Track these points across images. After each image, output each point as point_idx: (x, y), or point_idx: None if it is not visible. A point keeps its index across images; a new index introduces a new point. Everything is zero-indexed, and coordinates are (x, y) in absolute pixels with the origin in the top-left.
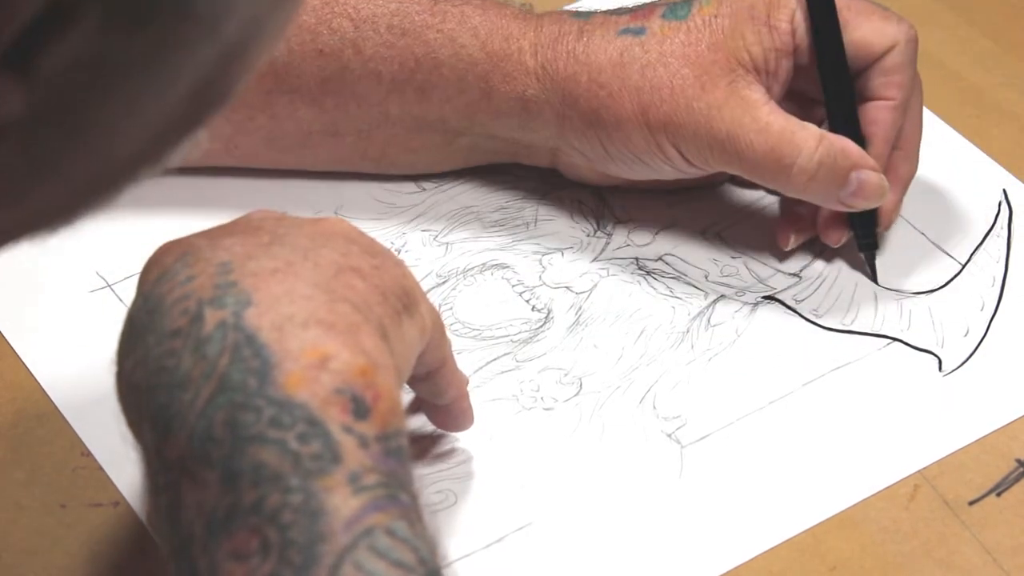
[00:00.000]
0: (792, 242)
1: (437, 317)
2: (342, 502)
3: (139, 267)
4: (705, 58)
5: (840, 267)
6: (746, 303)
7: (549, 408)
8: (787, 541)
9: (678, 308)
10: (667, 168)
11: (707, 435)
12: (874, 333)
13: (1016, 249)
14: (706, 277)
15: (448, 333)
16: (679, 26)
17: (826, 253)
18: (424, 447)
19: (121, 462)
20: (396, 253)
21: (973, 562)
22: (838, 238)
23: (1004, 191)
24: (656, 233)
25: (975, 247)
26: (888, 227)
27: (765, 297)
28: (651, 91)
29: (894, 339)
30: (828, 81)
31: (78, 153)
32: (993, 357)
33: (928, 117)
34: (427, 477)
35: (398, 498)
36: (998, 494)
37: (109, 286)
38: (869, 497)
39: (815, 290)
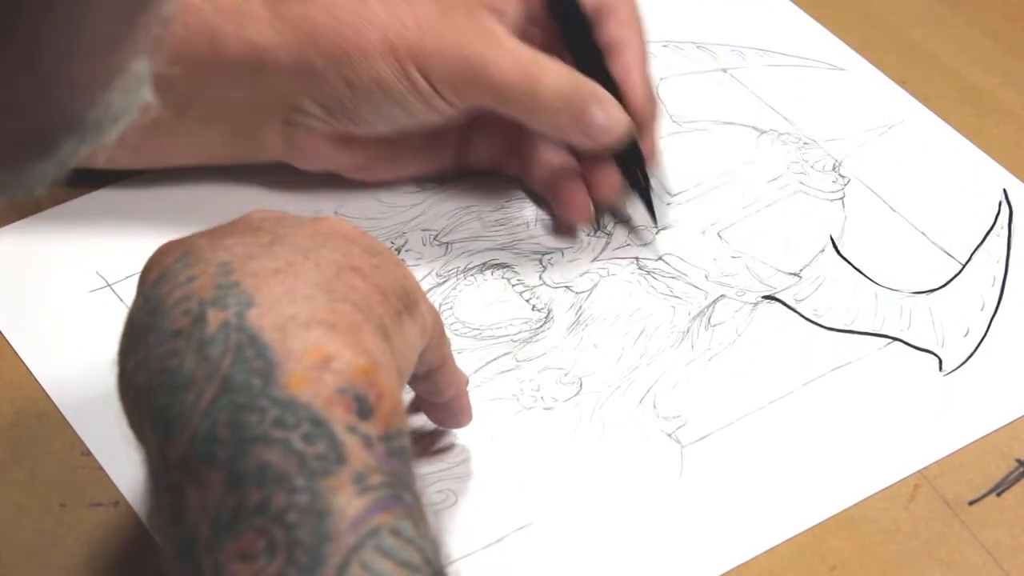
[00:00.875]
0: (589, 209)
1: (437, 317)
2: (347, 502)
3: (139, 267)
4: None
5: (840, 267)
6: (746, 303)
7: (549, 408)
8: (787, 541)
9: (678, 308)
10: (417, 104)
11: (707, 435)
12: (874, 333)
13: (1016, 249)
14: (706, 277)
15: (448, 333)
16: None
17: (826, 253)
18: (424, 446)
19: (121, 462)
20: (396, 253)
21: (973, 562)
22: (611, 187)
23: (1004, 191)
24: (656, 233)
25: (975, 247)
26: (651, 159)
27: (765, 297)
28: (396, 22)
29: (894, 339)
30: (566, 29)
31: (37, 34)
32: (993, 357)
33: (928, 117)
34: (428, 477)
35: (402, 498)
36: (998, 494)
37: (109, 286)
38: (869, 497)
39: (815, 290)
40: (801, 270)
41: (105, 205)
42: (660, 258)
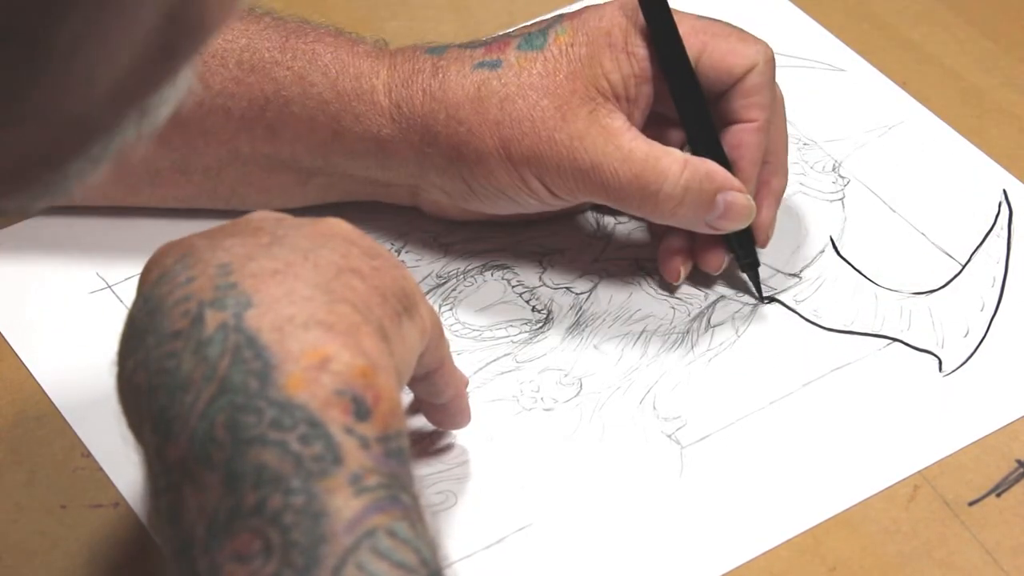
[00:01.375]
0: (681, 276)
1: (436, 319)
2: (344, 503)
3: (139, 268)
4: (564, 88)
5: (840, 267)
6: (746, 304)
7: (549, 409)
8: (787, 541)
9: (678, 309)
10: (532, 201)
11: (707, 436)
12: (874, 333)
13: (1016, 249)
14: (706, 277)
15: (448, 334)
16: (535, 56)
17: (826, 253)
18: (424, 447)
19: (121, 463)
20: (396, 254)
21: (973, 562)
22: (718, 264)
23: (1004, 191)
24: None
25: (975, 247)
26: (766, 244)
27: (765, 297)
28: (511, 124)
29: (894, 339)
30: (683, 106)
31: (48, 82)
32: (993, 357)
33: (928, 117)
34: (427, 478)
35: (399, 499)
36: (998, 494)
37: (109, 287)
38: (869, 497)
39: (815, 290)
40: (801, 271)
41: (105, 206)
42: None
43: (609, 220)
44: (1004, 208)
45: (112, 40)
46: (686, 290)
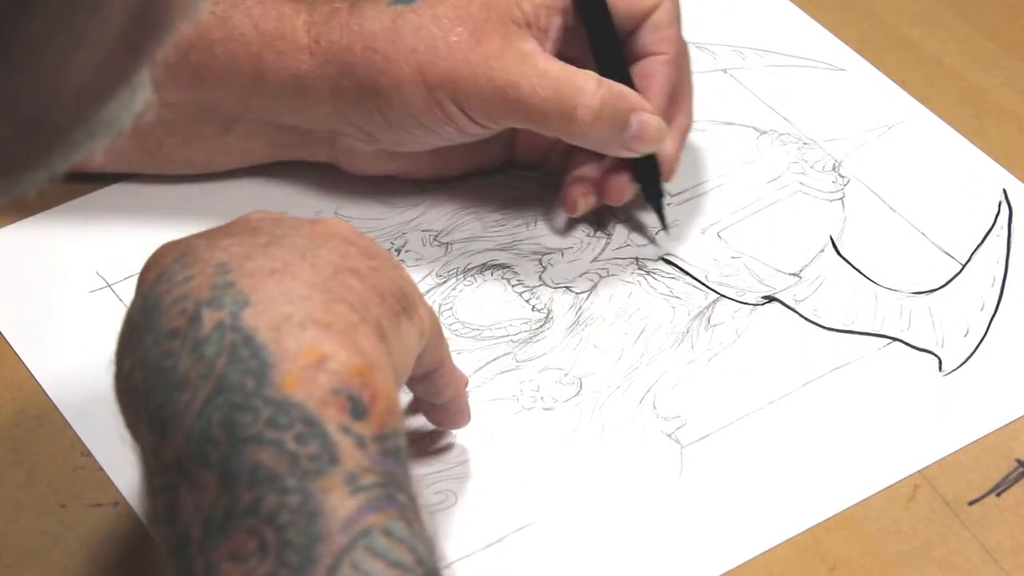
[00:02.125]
0: (580, 207)
1: (435, 319)
2: (339, 503)
3: (139, 267)
4: (477, 16)
5: (840, 267)
6: (746, 303)
7: (549, 408)
8: (787, 541)
9: (678, 308)
10: (449, 130)
11: (707, 435)
12: (874, 333)
13: (1016, 249)
14: (706, 277)
15: (448, 333)
16: None
17: (825, 253)
18: (423, 446)
19: (121, 462)
20: (396, 253)
21: (973, 562)
22: (621, 192)
23: (1004, 191)
24: (656, 233)
25: (975, 247)
26: (670, 176)
27: (765, 297)
28: (427, 50)
29: (894, 339)
30: (595, 36)
31: (14, 80)
32: (993, 357)
33: (928, 117)
34: (427, 477)
35: (395, 498)
36: (998, 494)
37: (109, 286)
38: (869, 497)
39: (815, 290)
40: (801, 270)
41: (105, 205)
42: (660, 258)
43: (609, 220)
44: (1004, 208)
45: (81, 39)
46: (686, 290)
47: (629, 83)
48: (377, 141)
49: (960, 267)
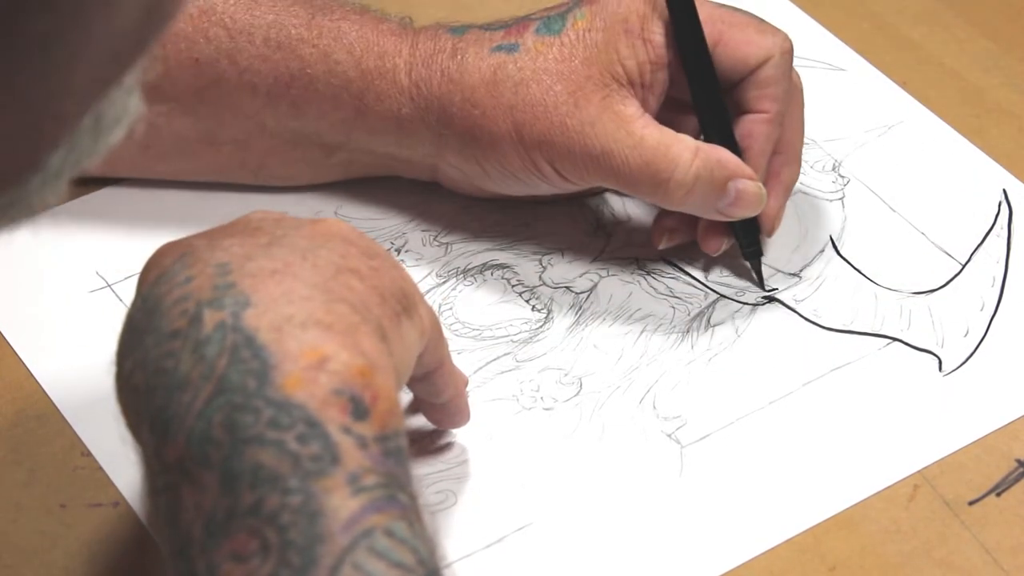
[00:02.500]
0: (665, 242)
1: (435, 319)
2: (341, 503)
3: (139, 267)
4: (579, 73)
5: (840, 267)
6: (746, 303)
7: (549, 408)
8: (787, 541)
9: (678, 308)
10: (543, 185)
11: (707, 435)
12: (874, 333)
13: (1016, 249)
14: (706, 277)
15: (448, 333)
16: (552, 41)
17: (825, 253)
18: (424, 446)
19: (121, 462)
20: (396, 253)
21: (973, 562)
22: (717, 247)
23: (1004, 191)
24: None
25: (975, 247)
26: (771, 233)
27: (765, 297)
28: (524, 109)
29: (894, 339)
30: (698, 94)
31: (31, 68)
32: (993, 357)
33: (928, 117)
34: (427, 477)
35: (397, 499)
36: (998, 494)
37: (109, 286)
38: (869, 497)
39: (815, 290)
40: (801, 270)
41: (105, 205)
42: (660, 258)
43: (609, 220)
44: (1004, 208)
45: (93, 34)
46: (686, 290)
47: (730, 139)
48: (476, 183)
49: (960, 267)
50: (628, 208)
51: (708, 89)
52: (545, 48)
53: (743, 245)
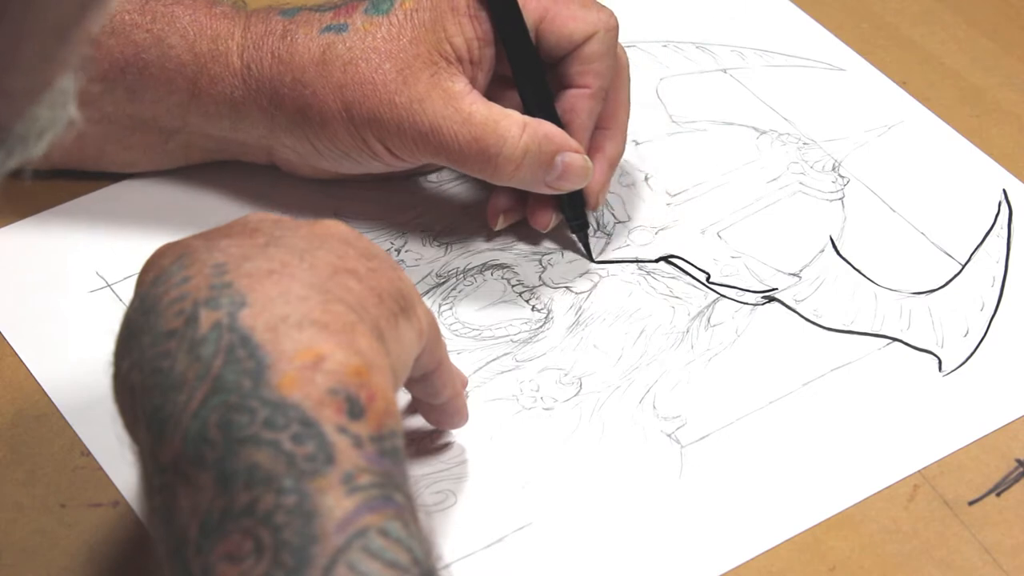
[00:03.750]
0: (501, 222)
1: (433, 321)
2: (336, 503)
3: (139, 267)
4: (407, 52)
5: (840, 267)
6: (746, 303)
7: (549, 408)
8: (787, 541)
9: (678, 308)
10: (375, 163)
11: (707, 435)
12: (874, 333)
13: (1016, 249)
14: (706, 277)
15: (448, 333)
16: (380, 21)
17: (825, 253)
18: (423, 446)
19: (121, 462)
20: (396, 253)
21: (973, 562)
22: (546, 222)
23: (1004, 191)
24: (656, 233)
25: (975, 247)
26: (596, 207)
27: (765, 297)
28: (354, 88)
29: (894, 339)
30: (518, 70)
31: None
32: (993, 357)
33: (928, 117)
34: (427, 477)
35: (392, 499)
36: (998, 494)
37: (109, 286)
38: (869, 497)
39: (815, 290)
40: (801, 270)
41: (105, 205)
42: (660, 258)
43: (609, 220)
44: (1004, 208)
45: (37, 4)
46: (686, 290)
47: (552, 114)
48: (308, 163)
49: (960, 267)
50: (628, 208)
51: (528, 64)
52: (373, 28)
53: (569, 218)
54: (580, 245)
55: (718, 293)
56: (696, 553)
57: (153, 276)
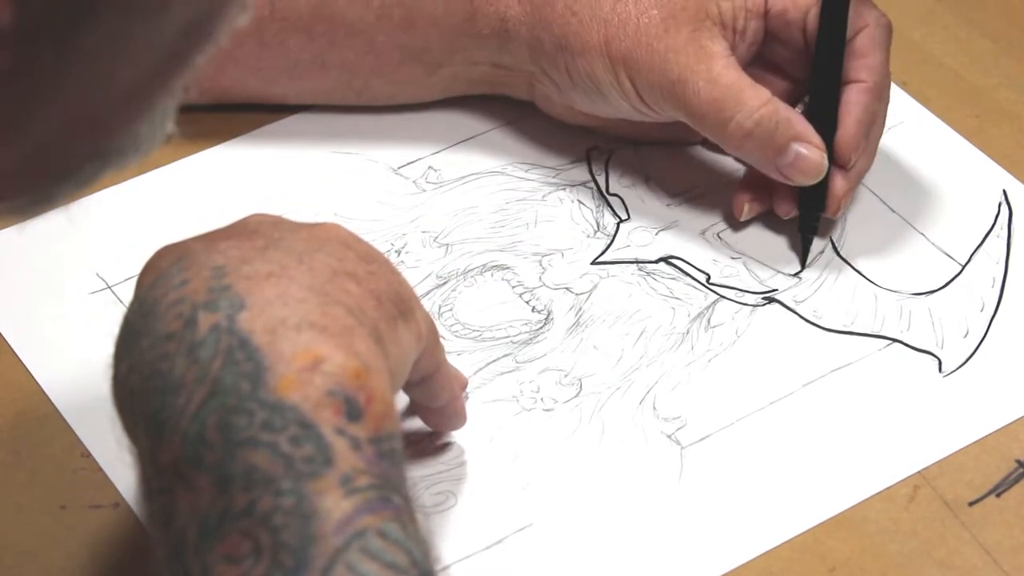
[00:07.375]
0: (746, 212)
1: (432, 324)
2: (334, 504)
3: (139, 268)
4: (675, 3)
5: (840, 268)
6: (746, 304)
7: (549, 409)
8: (787, 541)
9: (678, 309)
10: (624, 104)
11: (707, 436)
12: (874, 334)
13: (1016, 249)
14: (707, 278)
15: (448, 334)
16: None
17: (825, 253)
18: (423, 448)
19: (121, 464)
20: (396, 255)
21: (973, 562)
22: (787, 209)
23: (1004, 192)
24: (656, 233)
25: (975, 247)
26: (834, 214)
27: (765, 298)
28: (618, 25)
29: (894, 340)
30: (822, 58)
31: (73, 80)
32: (993, 358)
33: (928, 117)
34: (427, 479)
35: (391, 500)
36: (998, 494)
37: (109, 287)
38: (869, 497)
39: (815, 291)
40: (801, 271)
41: (105, 206)
42: (660, 259)
43: (609, 220)
44: (1004, 208)
45: (135, 48)
46: (686, 290)
47: (832, 106)
48: (565, 95)
49: (960, 268)
50: (628, 209)
51: (833, 49)
52: None
53: (803, 218)
54: (801, 249)
55: (718, 294)
56: (696, 554)
57: (152, 278)
